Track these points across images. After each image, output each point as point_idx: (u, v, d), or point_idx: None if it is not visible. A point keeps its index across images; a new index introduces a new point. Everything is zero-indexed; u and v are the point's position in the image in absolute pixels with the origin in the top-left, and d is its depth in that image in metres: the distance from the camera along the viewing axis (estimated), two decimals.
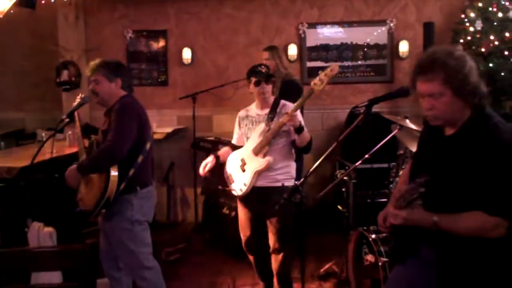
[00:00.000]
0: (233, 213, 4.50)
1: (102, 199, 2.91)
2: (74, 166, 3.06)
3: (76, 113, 3.35)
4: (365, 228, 3.43)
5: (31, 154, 3.23)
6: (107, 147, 2.94)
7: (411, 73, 2.03)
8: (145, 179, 3.15)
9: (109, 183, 2.91)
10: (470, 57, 1.98)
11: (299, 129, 3.21)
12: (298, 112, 3.30)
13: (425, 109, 2.00)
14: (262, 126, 3.37)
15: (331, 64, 3.23)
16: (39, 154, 3.18)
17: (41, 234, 3.57)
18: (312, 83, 3.17)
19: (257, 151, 3.33)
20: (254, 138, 3.39)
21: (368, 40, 5.76)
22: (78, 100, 3.41)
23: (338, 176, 3.71)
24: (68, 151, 4.45)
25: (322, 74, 3.15)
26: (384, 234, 3.27)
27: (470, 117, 1.97)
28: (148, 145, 3.13)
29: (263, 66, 3.48)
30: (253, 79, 3.41)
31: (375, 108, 2.45)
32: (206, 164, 3.54)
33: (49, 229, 3.61)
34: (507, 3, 4.73)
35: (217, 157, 3.58)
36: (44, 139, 3.68)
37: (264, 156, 3.30)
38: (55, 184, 3.95)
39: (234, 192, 3.51)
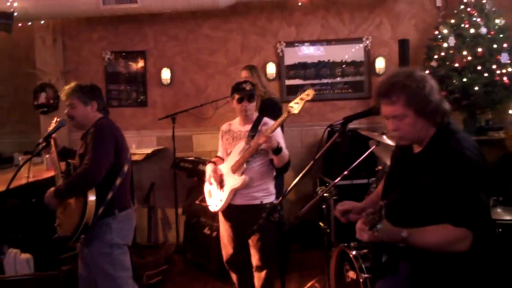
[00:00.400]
0: (215, 233, 4.46)
1: (80, 224, 2.87)
2: (51, 190, 3.01)
3: (52, 137, 3.31)
4: (346, 244, 3.44)
5: (7, 179, 3.17)
6: (83, 171, 2.91)
7: (374, 96, 2.09)
8: (124, 201, 3.12)
9: (87, 208, 2.86)
10: (430, 77, 2.04)
11: (277, 150, 3.22)
12: (278, 132, 3.32)
13: (391, 130, 2.06)
14: (242, 144, 3.38)
15: (307, 89, 3.23)
16: (16, 178, 3.13)
17: (18, 261, 3.49)
18: (288, 106, 3.18)
19: (234, 169, 3.34)
20: (234, 155, 3.40)
21: (346, 57, 5.85)
22: (53, 124, 3.37)
23: (319, 193, 3.72)
24: (46, 175, 4.39)
25: (297, 98, 3.16)
26: (365, 250, 3.28)
27: (435, 134, 2.03)
28: (126, 168, 3.10)
29: (247, 83, 3.47)
30: (236, 96, 3.42)
31: (354, 125, 2.48)
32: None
33: (26, 256, 3.53)
34: (478, 20, 4.85)
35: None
36: (21, 163, 3.63)
37: (241, 174, 3.31)
38: (32, 209, 3.89)
39: (210, 208, 3.51)
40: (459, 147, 1.94)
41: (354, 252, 3.29)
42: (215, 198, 3.46)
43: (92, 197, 2.90)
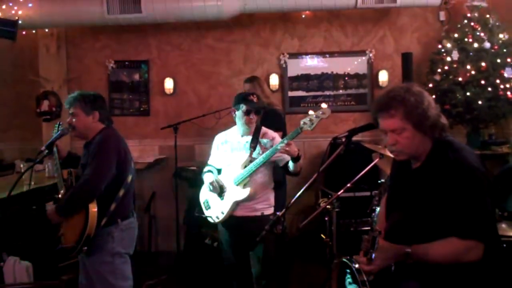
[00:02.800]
0: (216, 243, 4.44)
1: (82, 236, 2.85)
2: (53, 208, 2.99)
3: (56, 144, 3.29)
4: (348, 257, 3.41)
5: (8, 185, 3.16)
6: (82, 184, 2.90)
7: (372, 111, 2.11)
8: (126, 211, 3.11)
9: (89, 220, 2.85)
10: (428, 93, 2.05)
11: (297, 158, 3.21)
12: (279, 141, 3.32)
13: (389, 145, 2.06)
14: (245, 155, 3.36)
15: (324, 108, 3.20)
16: (17, 185, 3.12)
17: (17, 269, 3.47)
18: (301, 122, 3.15)
19: (237, 181, 3.32)
20: (236, 167, 3.38)
21: (349, 69, 5.86)
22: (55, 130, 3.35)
23: (321, 205, 3.70)
24: (47, 182, 4.38)
25: (313, 116, 3.14)
26: None
27: (432, 148, 2.03)
28: (129, 179, 3.09)
29: (255, 96, 3.44)
30: (245, 107, 3.38)
31: (357, 137, 2.47)
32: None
33: (25, 264, 3.51)
34: (482, 34, 4.86)
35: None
36: (23, 170, 3.62)
37: (245, 186, 3.29)
38: (33, 216, 3.87)
39: (209, 219, 3.48)
40: (458, 157, 1.95)
41: (356, 265, 3.26)
42: (215, 210, 3.44)
43: (93, 209, 2.88)
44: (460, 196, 1.88)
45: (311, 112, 3.18)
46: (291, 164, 3.29)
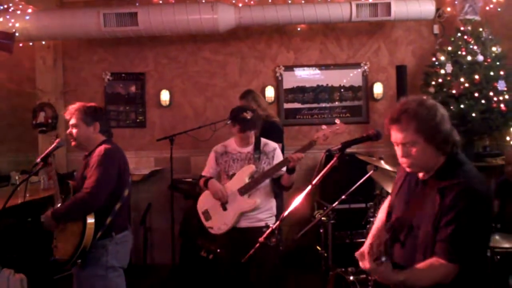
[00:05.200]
0: (211, 256, 4.43)
1: (78, 248, 2.84)
2: (49, 211, 2.99)
3: (53, 154, 3.29)
4: (343, 269, 3.42)
5: (3, 198, 3.15)
6: (83, 196, 2.89)
7: (385, 123, 2.08)
8: (122, 224, 3.10)
9: (86, 233, 2.84)
10: (441, 106, 2.03)
11: (293, 170, 3.27)
12: (279, 153, 3.37)
13: (400, 157, 2.04)
14: (250, 166, 3.37)
15: (339, 123, 3.29)
16: (12, 197, 3.11)
17: (12, 281, 3.45)
18: (315, 136, 3.25)
19: (243, 192, 3.32)
20: (241, 178, 3.37)
21: (344, 81, 5.90)
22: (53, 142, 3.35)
23: (316, 216, 3.71)
24: (43, 194, 4.37)
25: (327, 131, 3.24)
26: (363, 276, 3.25)
27: (443, 163, 2.01)
28: (126, 192, 3.08)
29: (248, 112, 3.43)
30: (238, 127, 3.41)
31: (352, 149, 2.49)
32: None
33: (20, 276, 3.49)
34: (475, 47, 4.91)
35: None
36: (18, 182, 3.61)
37: (249, 196, 3.30)
38: (28, 228, 3.85)
39: (210, 230, 3.46)
40: (467, 178, 1.93)
41: (351, 277, 3.27)
42: (217, 221, 3.41)
43: (91, 221, 2.87)
44: (460, 218, 1.87)
45: (324, 127, 3.24)
46: (286, 176, 3.30)
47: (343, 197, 3.24)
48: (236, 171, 3.42)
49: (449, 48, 5.09)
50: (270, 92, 5.86)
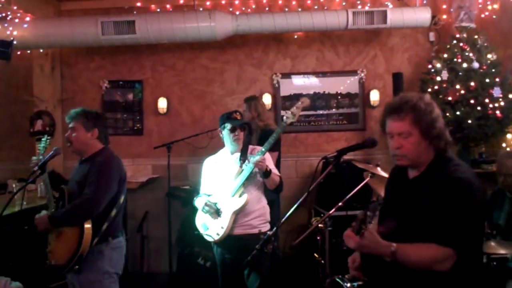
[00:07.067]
0: (208, 263, 4.42)
1: (75, 254, 2.85)
2: (46, 215, 2.99)
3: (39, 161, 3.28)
4: (340, 276, 3.42)
5: (1, 205, 3.15)
6: (84, 202, 2.90)
7: (382, 113, 2.15)
8: (117, 230, 3.11)
9: (84, 238, 2.86)
10: (437, 106, 2.11)
11: (265, 173, 3.27)
12: (267, 156, 3.35)
13: (394, 148, 2.09)
14: (236, 168, 3.40)
15: (303, 98, 3.44)
16: (9, 205, 3.11)
17: None
18: (284, 117, 3.36)
19: (233, 193, 3.34)
20: (228, 181, 3.40)
21: (341, 89, 5.93)
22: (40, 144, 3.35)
23: (313, 223, 3.72)
24: (39, 202, 4.36)
25: (293, 108, 3.34)
26: (360, 283, 3.25)
27: (433, 160, 2.08)
28: (122, 199, 3.11)
29: (237, 113, 3.54)
30: (228, 125, 3.46)
31: (348, 156, 2.50)
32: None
33: (16, 284, 3.47)
34: (471, 55, 4.94)
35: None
36: (15, 190, 3.61)
37: (240, 196, 3.32)
38: (24, 236, 3.84)
39: (209, 238, 3.47)
40: (457, 172, 1.99)
41: (348, 284, 3.27)
42: (214, 228, 3.43)
43: (88, 228, 2.89)
44: (452, 206, 1.92)
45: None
46: (265, 180, 3.34)
47: (340, 204, 3.26)
48: (226, 176, 3.45)
49: (445, 55, 5.12)
50: (267, 99, 5.88)
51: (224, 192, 3.42)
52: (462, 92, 4.85)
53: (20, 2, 5.18)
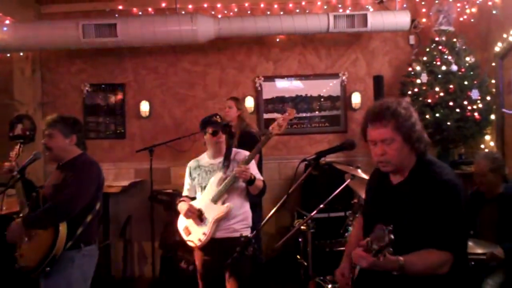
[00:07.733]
0: (191, 267, 4.42)
1: (48, 256, 2.82)
2: (19, 220, 2.96)
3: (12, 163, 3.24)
4: (321, 278, 3.44)
5: None
6: (61, 202, 2.88)
7: (363, 121, 2.16)
8: (90, 237, 3.08)
9: (58, 240, 2.83)
10: (415, 108, 2.15)
11: (250, 182, 3.28)
12: (251, 164, 3.36)
13: (377, 155, 2.10)
14: (219, 174, 3.40)
15: (288, 109, 3.43)
16: None
17: None
18: (270, 128, 3.36)
19: (216, 199, 3.34)
20: (212, 187, 3.40)
21: (323, 92, 5.97)
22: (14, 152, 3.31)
23: (296, 226, 3.73)
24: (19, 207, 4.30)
25: (280, 119, 3.34)
26: None
27: (415, 164, 2.10)
28: (98, 205, 3.10)
29: (217, 116, 3.54)
30: (210, 129, 3.46)
31: (330, 158, 2.52)
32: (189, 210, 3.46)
33: None
34: (449, 57, 5.02)
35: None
36: None
37: (223, 203, 3.32)
38: (3, 242, 3.78)
39: (191, 244, 3.46)
40: (439, 174, 2.02)
41: (330, 286, 3.29)
42: (196, 233, 3.42)
43: (63, 229, 2.87)
44: (443, 209, 1.94)
45: (277, 115, 3.33)
46: (249, 187, 3.35)
47: (321, 206, 3.27)
48: (209, 181, 3.45)
49: (425, 58, 5.20)
50: (249, 102, 5.90)
51: (207, 197, 3.41)
52: (441, 94, 4.92)
53: (0, 5, 5.13)
